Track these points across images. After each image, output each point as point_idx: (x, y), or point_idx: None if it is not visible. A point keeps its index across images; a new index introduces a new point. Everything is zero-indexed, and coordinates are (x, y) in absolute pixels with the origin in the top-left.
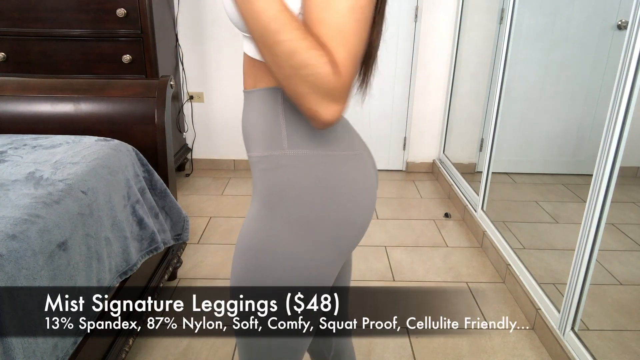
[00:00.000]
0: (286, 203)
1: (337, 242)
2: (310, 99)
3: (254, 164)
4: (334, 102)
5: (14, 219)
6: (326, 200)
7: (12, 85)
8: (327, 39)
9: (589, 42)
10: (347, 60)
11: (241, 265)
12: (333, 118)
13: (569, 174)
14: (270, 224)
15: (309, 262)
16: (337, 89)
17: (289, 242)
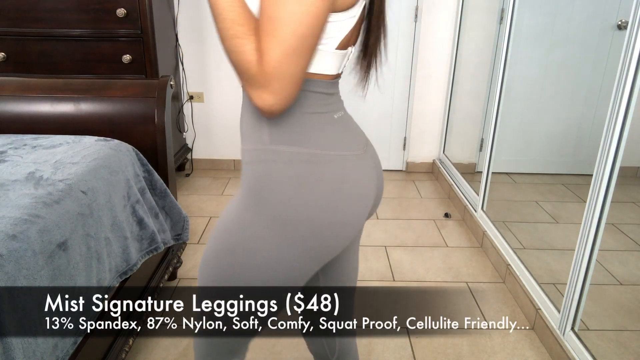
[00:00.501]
0: (263, 197)
1: (310, 244)
2: (244, 84)
3: (242, 157)
4: (260, 90)
5: (14, 219)
6: (302, 199)
7: (12, 85)
8: (260, 28)
9: (589, 42)
10: (272, 50)
11: (214, 254)
12: (264, 106)
13: (569, 174)
14: (248, 216)
15: (278, 260)
16: (257, 76)
17: (261, 237)
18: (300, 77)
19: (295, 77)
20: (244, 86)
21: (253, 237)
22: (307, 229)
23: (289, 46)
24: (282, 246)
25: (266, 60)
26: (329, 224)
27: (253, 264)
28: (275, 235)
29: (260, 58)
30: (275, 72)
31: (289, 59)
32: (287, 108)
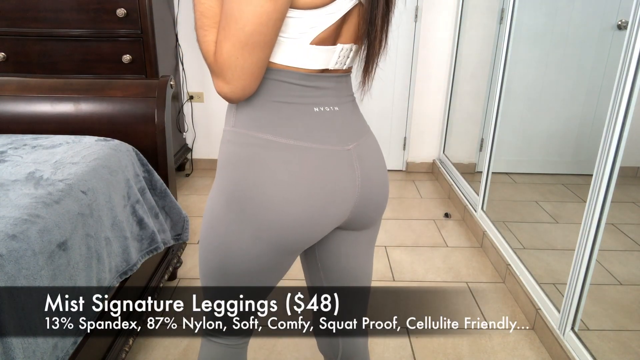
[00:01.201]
0: (221, 175)
1: (259, 225)
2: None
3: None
4: (216, 78)
5: (14, 219)
6: (249, 179)
7: (12, 85)
8: (219, 23)
9: (589, 42)
10: (223, 43)
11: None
12: (221, 93)
13: (569, 174)
14: (213, 194)
15: (232, 240)
16: (212, 65)
17: (220, 216)
18: (254, 69)
19: (247, 70)
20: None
21: (215, 215)
22: (254, 210)
23: (237, 41)
24: (235, 224)
25: (219, 52)
26: (274, 209)
27: (214, 244)
28: (229, 213)
29: (215, 49)
30: (226, 64)
31: (238, 52)
32: (245, 96)
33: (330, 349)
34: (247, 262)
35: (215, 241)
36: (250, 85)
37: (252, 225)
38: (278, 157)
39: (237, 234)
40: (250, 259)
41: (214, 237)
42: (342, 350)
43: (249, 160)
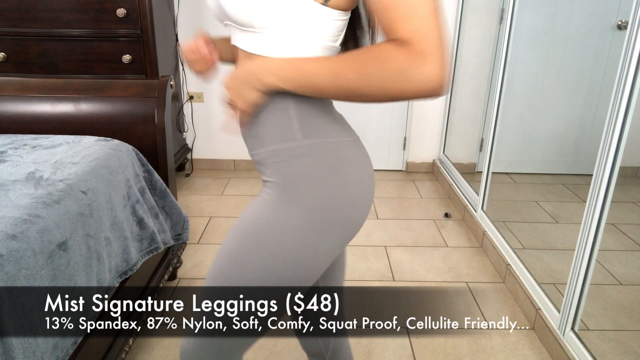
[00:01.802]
0: (302, 191)
1: (344, 227)
2: (407, 86)
3: (267, 159)
4: (425, 68)
5: (14, 219)
6: (339, 185)
7: (12, 85)
8: (395, 19)
9: (589, 42)
10: (419, 26)
11: (241, 253)
12: (438, 79)
13: (569, 174)
14: (284, 213)
15: (316, 252)
16: (416, 59)
17: (300, 231)
18: (445, 37)
19: (444, 38)
20: (415, 97)
21: (293, 232)
22: (343, 213)
23: (432, 8)
24: (320, 237)
25: (417, 39)
26: (359, 205)
27: (293, 258)
28: (314, 226)
29: (405, 45)
30: (428, 43)
31: (436, 21)
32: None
33: (320, 347)
34: (324, 265)
35: (286, 253)
36: (448, 57)
37: (339, 229)
38: (352, 156)
39: (320, 242)
40: (327, 262)
41: (282, 250)
42: (332, 348)
43: (331, 167)
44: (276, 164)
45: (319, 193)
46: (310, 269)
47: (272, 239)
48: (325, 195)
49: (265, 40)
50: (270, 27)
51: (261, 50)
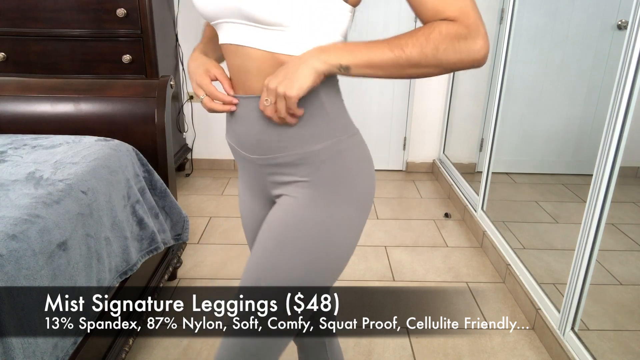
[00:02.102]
0: (348, 184)
1: (368, 211)
2: (470, 64)
3: (306, 159)
4: (475, 42)
5: (14, 219)
6: (370, 175)
7: (12, 85)
8: (457, 12)
9: (589, 42)
10: (463, 5)
11: (307, 258)
12: (484, 50)
13: (569, 174)
14: (333, 209)
15: (357, 236)
16: (467, 32)
17: (351, 220)
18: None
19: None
20: (464, 67)
21: (348, 224)
22: (370, 201)
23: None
24: (358, 225)
25: (465, 15)
26: (373, 193)
27: (343, 254)
28: (362, 214)
29: (456, 22)
30: (473, 18)
31: (473, 2)
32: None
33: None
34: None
35: (338, 250)
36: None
37: (367, 214)
38: (366, 147)
39: (359, 230)
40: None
41: (345, 247)
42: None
43: (366, 159)
44: (319, 163)
45: (361, 184)
46: (348, 259)
47: (322, 238)
48: (364, 185)
49: (286, 38)
50: (294, 24)
51: (281, 48)
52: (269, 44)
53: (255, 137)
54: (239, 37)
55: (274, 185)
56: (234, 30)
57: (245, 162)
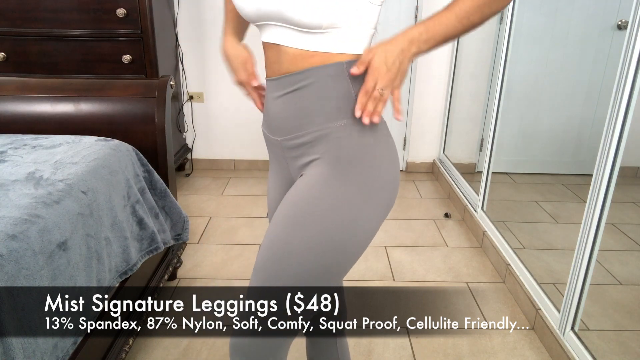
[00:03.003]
0: (360, 166)
1: (389, 205)
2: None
3: (327, 135)
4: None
5: (14, 219)
6: (390, 162)
7: (12, 85)
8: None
9: (589, 42)
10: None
11: (321, 240)
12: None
13: (569, 174)
14: (344, 189)
15: (373, 225)
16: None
17: (361, 206)
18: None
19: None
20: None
21: (359, 209)
22: (391, 192)
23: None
24: (374, 208)
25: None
26: (397, 185)
27: (353, 234)
28: (375, 202)
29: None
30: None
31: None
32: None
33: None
34: (369, 242)
35: (348, 231)
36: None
37: (388, 204)
38: (388, 132)
39: (378, 217)
40: (372, 238)
41: (357, 234)
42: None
43: (387, 143)
44: (337, 140)
45: (375, 169)
46: (364, 246)
47: (335, 214)
48: (379, 172)
49: (323, 38)
50: (332, 26)
51: (317, 47)
52: (306, 44)
53: (282, 115)
54: (279, 38)
55: (297, 169)
56: (275, 32)
57: (274, 146)
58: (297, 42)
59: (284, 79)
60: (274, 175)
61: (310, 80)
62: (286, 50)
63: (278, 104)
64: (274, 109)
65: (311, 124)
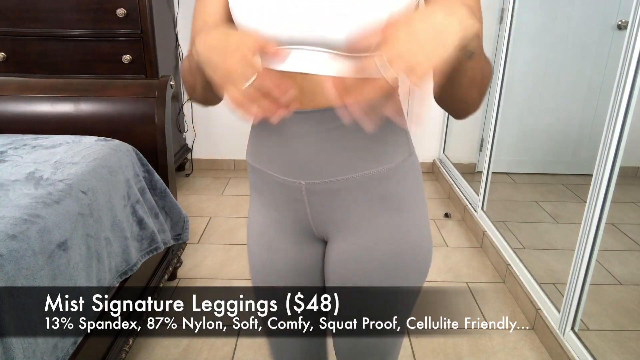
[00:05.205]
0: (418, 201)
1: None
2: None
3: (388, 177)
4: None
5: (14, 219)
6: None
7: (12, 85)
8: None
9: (589, 42)
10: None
11: (421, 270)
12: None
13: (569, 174)
14: (415, 223)
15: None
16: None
17: (428, 231)
18: None
19: None
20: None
21: (428, 237)
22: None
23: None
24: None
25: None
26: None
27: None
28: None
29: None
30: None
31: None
32: None
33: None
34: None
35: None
36: None
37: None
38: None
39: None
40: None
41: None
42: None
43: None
44: (393, 182)
45: (424, 201)
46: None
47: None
48: (423, 203)
49: (363, 61)
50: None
51: (354, 73)
52: (344, 70)
53: (314, 155)
54: (310, 65)
55: (328, 217)
56: (307, 57)
57: (285, 190)
58: (331, 68)
59: (323, 113)
60: (277, 226)
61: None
62: (316, 78)
63: (308, 141)
64: (297, 146)
65: (356, 166)
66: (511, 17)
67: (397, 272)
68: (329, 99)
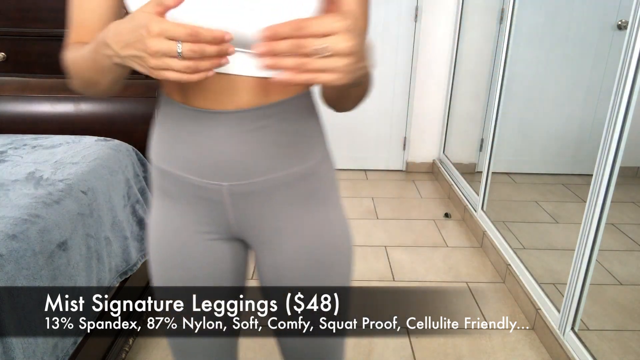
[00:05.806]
0: (339, 198)
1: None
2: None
3: (312, 175)
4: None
5: (14, 219)
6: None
7: (12, 85)
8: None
9: (589, 42)
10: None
11: (349, 265)
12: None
13: (569, 174)
14: (339, 218)
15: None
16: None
17: (350, 228)
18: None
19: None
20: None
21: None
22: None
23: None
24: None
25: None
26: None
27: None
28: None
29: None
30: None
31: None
32: None
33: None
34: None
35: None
36: None
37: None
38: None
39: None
40: None
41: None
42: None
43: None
44: (321, 177)
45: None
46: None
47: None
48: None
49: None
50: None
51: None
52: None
53: (236, 156)
54: (228, 65)
55: (252, 218)
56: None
57: (203, 193)
58: (254, 69)
59: (244, 113)
60: (191, 228)
61: (282, 115)
62: (245, 80)
63: (230, 142)
64: (218, 148)
65: (282, 165)
66: (511, 17)
67: (326, 269)
68: (251, 99)
